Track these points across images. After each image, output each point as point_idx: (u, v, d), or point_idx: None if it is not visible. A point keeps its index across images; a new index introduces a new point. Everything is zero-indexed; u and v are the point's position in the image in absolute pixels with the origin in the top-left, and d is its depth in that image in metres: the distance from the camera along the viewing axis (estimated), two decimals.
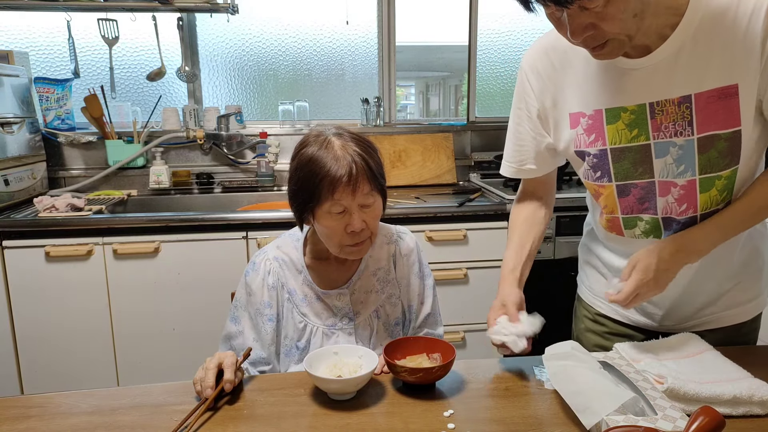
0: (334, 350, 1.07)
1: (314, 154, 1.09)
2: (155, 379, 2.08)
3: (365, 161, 1.10)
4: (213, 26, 2.68)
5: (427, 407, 0.96)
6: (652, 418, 0.83)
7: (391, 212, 2.15)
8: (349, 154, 1.09)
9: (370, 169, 1.10)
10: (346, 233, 1.12)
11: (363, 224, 1.12)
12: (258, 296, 1.21)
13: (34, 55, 2.58)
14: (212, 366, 1.00)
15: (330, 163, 1.07)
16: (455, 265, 2.24)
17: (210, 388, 0.97)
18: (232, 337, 1.23)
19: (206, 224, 2.07)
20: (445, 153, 2.75)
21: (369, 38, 2.80)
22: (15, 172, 2.21)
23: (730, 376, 0.95)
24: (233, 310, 1.25)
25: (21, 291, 2.03)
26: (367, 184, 1.10)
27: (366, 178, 1.10)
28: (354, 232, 1.12)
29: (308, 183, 1.09)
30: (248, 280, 1.22)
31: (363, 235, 1.14)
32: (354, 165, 1.08)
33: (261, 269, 1.22)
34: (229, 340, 1.23)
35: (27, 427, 0.92)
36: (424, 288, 1.31)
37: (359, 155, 1.09)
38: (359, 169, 1.08)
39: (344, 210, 1.10)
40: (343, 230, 1.12)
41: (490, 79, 2.93)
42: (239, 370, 1.03)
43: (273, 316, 1.21)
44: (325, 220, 1.12)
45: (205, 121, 2.62)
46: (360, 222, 1.11)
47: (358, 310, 1.24)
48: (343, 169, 1.07)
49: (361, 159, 1.09)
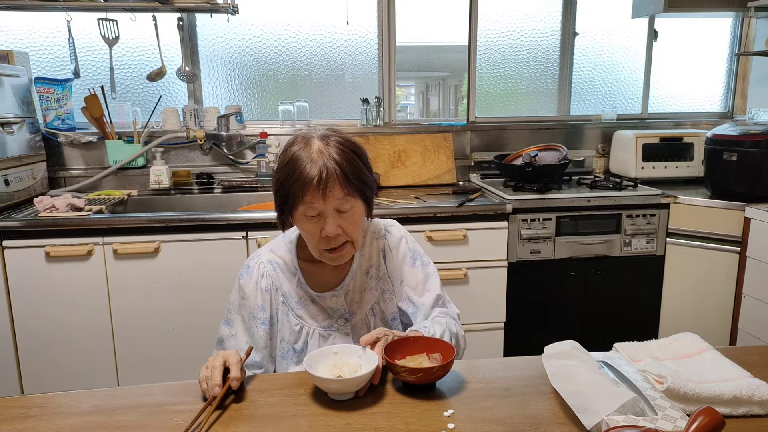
0: (333, 350, 1.07)
1: (293, 155, 1.08)
2: (155, 379, 2.09)
3: (339, 165, 1.06)
4: (213, 26, 2.68)
5: (427, 407, 0.96)
6: (652, 418, 0.83)
7: (391, 212, 2.15)
8: (323, 157, 1.06)
9: (344, 173, 1.07)
10: (322, 237, 1.11)
11: (338, 229, 1.09)
12: (251, 299, 1.21)
13: (35, 55, 2.58)
14: (218, 364, 0.99)
15: (303, 164, 1.06)
16: (455, 265, 2.24)
17: (218, 386, 0.96)
18: (224, 339, 1.23)
19: (206, 224, 2.07)
20: (445, 153, 2.75)
21: (369, 38, 2.80)
22: (15, 172, 2.21)
23: (730, 376, 0.95)
24: (227, 313, 1.24)
25: (21, 291, 2.03)
26: (340, 189, 1.07)
27: (338, 183, 1.06)
28: (328, 237, 1.10)
29: (284, 184, 1.09)
30: (242, 284, 1.22)
31: (338, 240, 1.11)
32: (325, 168, 1.05)
33: (254, 272, 1.22)
34: (222, 343, 1.23)
35: (27, 427, 0.92)
36: (426, 276, 1.27)
37: (334, 159, 1.06)
38: (330, 173, 1.05)
39: (319, 214, 1.09)
40: (319, 234, 1.10)
41: (490, 79, 2.93)
42: (242, 369, 1.03)
43: (266, 319, 1.21)
44: (302, 223, 1.11)
45: (205, 121, 2.62)
46: (334, 227, 1.09)
47: (354, 310, 1.24)
48: (314, 171, 1.05)
49: (335, 163, 1.06)
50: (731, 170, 2.30)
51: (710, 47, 3.09)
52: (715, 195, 2.39)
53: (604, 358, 1.02)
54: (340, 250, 1.14)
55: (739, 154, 2.27)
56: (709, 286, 2.36)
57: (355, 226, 1.13)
